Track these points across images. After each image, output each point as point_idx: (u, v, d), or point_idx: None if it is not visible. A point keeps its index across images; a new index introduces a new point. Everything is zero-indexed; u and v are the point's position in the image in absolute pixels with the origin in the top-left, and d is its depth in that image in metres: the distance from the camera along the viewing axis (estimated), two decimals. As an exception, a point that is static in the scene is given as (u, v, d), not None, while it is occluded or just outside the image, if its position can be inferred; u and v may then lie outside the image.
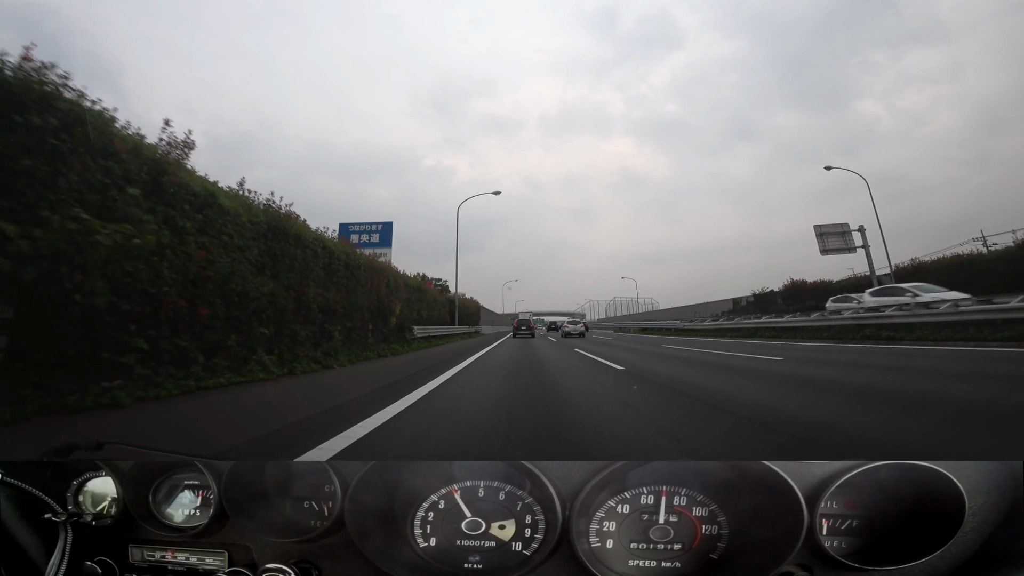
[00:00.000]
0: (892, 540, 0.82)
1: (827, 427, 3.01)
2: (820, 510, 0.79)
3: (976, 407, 3.44)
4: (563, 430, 3.06)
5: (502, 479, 0.88)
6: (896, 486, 0.81)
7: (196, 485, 1.05)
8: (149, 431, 3.17)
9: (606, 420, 3.45)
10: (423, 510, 0.90)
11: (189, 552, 1.01)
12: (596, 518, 0.84)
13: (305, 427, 3.11)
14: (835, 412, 3.49)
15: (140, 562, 1.03)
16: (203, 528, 0.98)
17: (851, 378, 5.51)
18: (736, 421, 3.25)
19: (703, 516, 0.84)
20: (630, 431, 3.06)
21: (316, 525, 0.92)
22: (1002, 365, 5.99)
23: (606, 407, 4.03)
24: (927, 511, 0.79)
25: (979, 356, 7.24)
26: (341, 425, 3.03)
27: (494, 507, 0.88)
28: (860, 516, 0.84)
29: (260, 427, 3.15)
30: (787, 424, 3.11)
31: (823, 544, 0.79)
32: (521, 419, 3.40)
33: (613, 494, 0.85)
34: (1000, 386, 4.43)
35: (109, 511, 1.04)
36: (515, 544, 0.86)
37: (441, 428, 3.26)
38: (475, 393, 4.89)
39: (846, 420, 3.23)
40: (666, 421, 3.36)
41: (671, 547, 0.83)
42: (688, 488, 0.84)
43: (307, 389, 5.24)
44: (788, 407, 3.72)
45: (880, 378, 5.35)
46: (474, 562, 0.86)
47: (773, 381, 5.43)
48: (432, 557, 0.88)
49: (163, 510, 1.04)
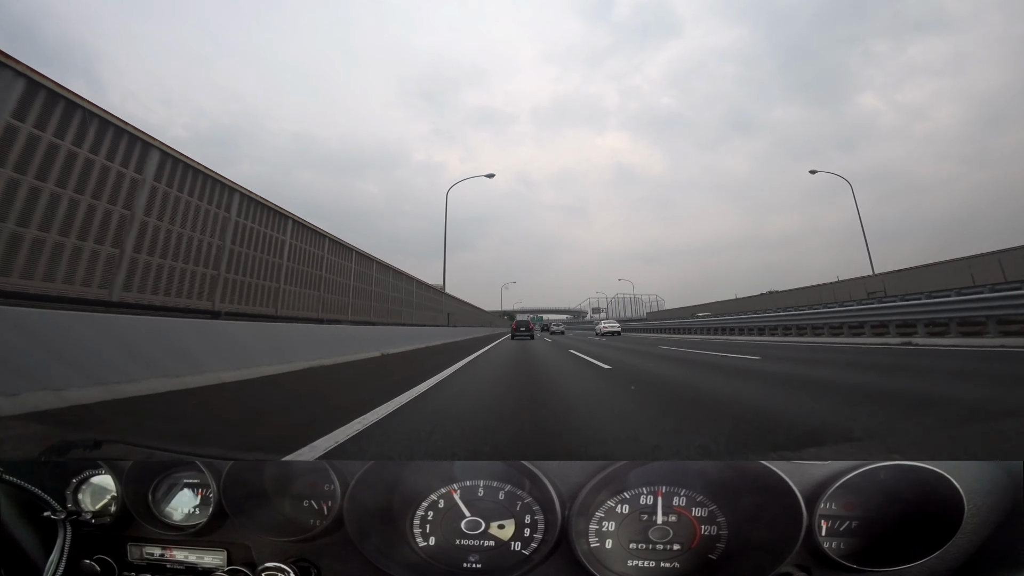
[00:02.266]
0: (891, 541, 0.82)
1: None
2: (819, 511, 0.80)
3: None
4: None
5: (501, 479, 0.88)
6: (895, 487, 0.81)
7: (195, 484, 1.05)
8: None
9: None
10: (422, 509, 0.90)
11: (188, 550, 1.01)
12: (595, 518, 0.84)
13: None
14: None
15: (139, 560, 1.03)
16: (202, 527, 0.98)
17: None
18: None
19: (702, 516, 0.84)
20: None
21: (315, 524, 0.92)
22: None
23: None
24: (926, 512, 0.79)
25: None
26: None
27: (493, 507, 0.88)
28: (859, 517, 0.84)
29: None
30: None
31: (822, 545, 0.80)
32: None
33: (612, 494, 0.85)
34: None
35: (108, 509, 1.04)
36: (514, 544, 0.86)
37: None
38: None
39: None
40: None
41: (670, 547, 0.83)
42: (687, 488, 0.84)
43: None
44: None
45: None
46: (473, 562, 0.86)
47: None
48: (431, 556, 0.88)
49: (162, 508, 1.04)
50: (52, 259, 3.84)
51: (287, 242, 7.58)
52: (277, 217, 7.29)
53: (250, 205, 6.55)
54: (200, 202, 5.54)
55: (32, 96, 3.68)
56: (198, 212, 5.51)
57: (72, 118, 4.00)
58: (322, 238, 8.88)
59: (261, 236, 6.86)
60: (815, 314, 16.57)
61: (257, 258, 6.73)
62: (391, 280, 13.19)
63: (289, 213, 7.60)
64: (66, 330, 3.59)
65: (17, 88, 3.58)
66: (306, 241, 8.25)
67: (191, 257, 5.40)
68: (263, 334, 6.11)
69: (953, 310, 10.66)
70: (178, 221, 5.19)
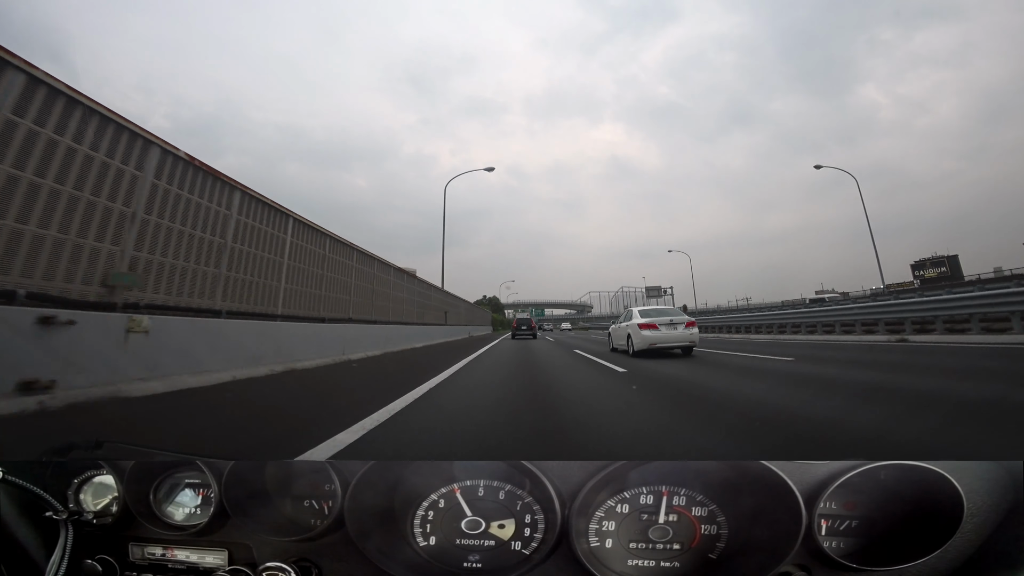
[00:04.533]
0: (891, 540, 0.82)
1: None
2: (819, 510, 0.80)
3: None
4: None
5: (502, 478, 0.89)
6: (895, 486, 0.81)
7: (197, 483, 1.05)
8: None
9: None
10: (423, 509, 0.90)
11: (189, 550, 1.01)
12: (595, 518, 0.84)
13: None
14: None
15: (140, 560, 1.03)
16: (203, 526, 0.98)
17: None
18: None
19: (702, 516, 0.84)
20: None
21: (316, 524, 0.92)
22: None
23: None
24: (926, 512, 0.79)
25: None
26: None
27: (494, 506, 0.88)
28: (859, 516, 0.84)
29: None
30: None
31: (822, 544, 0.80)
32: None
33: (612, 494, 0.85)
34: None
35: (109, 509, 1.04)
36: (515, 543, 0.86)
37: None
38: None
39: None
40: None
41: (670, 547, 0.83)
42: (687, 488, 0.84)
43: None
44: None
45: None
46: (474, 561, 0.86)
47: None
48: (432, 556, 0.88)
49: (164, 508, 1.04)
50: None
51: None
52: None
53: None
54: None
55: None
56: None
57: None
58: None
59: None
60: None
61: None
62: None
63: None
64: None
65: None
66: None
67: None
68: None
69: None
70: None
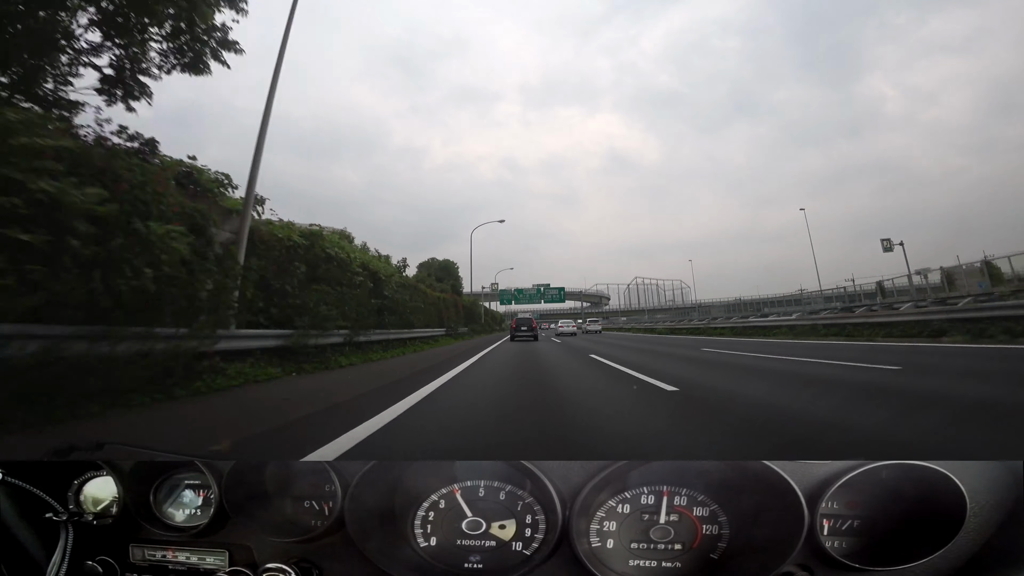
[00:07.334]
0: (893, 540, 0.82)
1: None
2: (821, 510, 0.79)
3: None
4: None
5: (502, 479, 0.88)
6: (897, 486, 0.81)
7: (197, 485, 1.05)
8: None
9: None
10: (423, 510, 0.90)
11: (190, 552, 1.01)
12: (596, 518, 0.84)
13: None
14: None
15: (141, 561, 1.03)
16: (204, 528, 0.98)
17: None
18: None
19: (704, 516, 0.83)
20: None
21: (317, 525, 0.92)
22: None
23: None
24: (928, 511, 0.79)
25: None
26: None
27: (494, 507, 0.88)
28: (861, 516, 0.83)
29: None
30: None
31: (824, 544, 0.79)
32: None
33: (613, 494, 0.85)
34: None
35: (110, 511, 1.04)
36: (515, 544, 0.86)
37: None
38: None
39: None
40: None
41: (671, 547, 0.83)
42: (689, 488, 0.84)
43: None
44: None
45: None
46: (474, 562, 0.86)
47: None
48: (432, 557, 0.88)
49: (164, 510, 1.04)
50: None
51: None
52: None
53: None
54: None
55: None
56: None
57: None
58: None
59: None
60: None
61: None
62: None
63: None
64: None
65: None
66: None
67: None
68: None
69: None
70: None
